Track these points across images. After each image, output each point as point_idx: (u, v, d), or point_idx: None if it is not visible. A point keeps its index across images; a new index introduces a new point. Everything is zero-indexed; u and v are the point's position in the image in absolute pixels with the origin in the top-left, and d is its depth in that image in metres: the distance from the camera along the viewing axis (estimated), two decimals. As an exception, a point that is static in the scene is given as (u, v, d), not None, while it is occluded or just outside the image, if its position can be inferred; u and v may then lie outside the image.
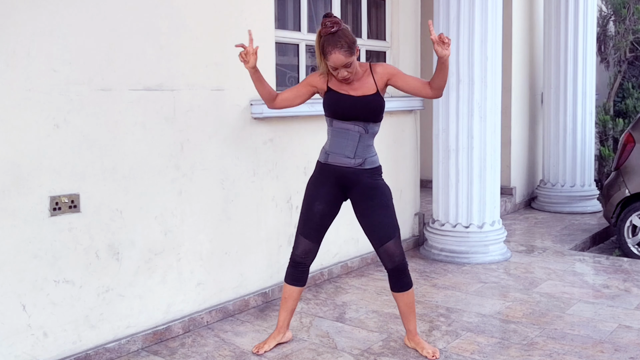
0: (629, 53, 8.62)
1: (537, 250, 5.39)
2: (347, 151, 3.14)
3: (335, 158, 3.17)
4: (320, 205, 3.21)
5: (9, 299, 2.86)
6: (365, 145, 3.16)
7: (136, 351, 3.36)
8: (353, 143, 3.13)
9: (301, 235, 3.25)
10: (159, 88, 3.40)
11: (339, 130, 3.14)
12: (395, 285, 3.23)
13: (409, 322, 3.29)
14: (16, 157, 2.84)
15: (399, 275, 3.20)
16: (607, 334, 3.50)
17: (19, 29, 2.81)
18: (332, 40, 2.95)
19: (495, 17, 4.92)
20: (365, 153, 3.17)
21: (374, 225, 3.17)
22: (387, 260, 3.18)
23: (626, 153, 5.47)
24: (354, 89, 3.10)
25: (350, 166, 3.16)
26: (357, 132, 3.12)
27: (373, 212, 3.17)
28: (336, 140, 3.16)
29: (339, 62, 2.96)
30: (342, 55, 2.94)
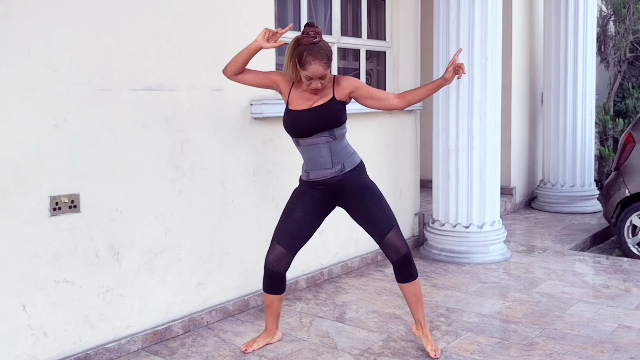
0: (629, 53, 8.62)
1: (537, 250, 5.39)
2: (324, 164, 3.12)
3: (316, 174, 3.16)
4: (300, 213, 3.20)
5: (9, 299, 2.86)
6: (339, 149, 3.13)
7: (136, 351, 3.36)
8: (326, 154, 3.10)
9: (274, 241, 3.23)
10: (159, 88, 3.40)
11: (308, 148, 3.11)
12: (401, 276, 3.22)
13: (416, 312, 3.30)
14: (16, 157, 2.84)
15: (405, 265, 3.19)
16: (607, 334, 3.50)
17: (19, 29, 2.81)
18: (313, 51, 2.91)
19: (495, 17, 4.92)
20: (342, 157, 3.14)
21: (371, 220, 3.18)
22: (391, 252, 3.17)
23: (626, 153, 5.47)
24: (311, 100, 3.06)
25: (333, 175, 3.15)
26: (326, 143, 3.09)
27: (366, 208, 3.18)
28: (309, 157, 3.14)
29: (317, 74, 2.93)
30: (321, 67, 2.92)
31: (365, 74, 5.06)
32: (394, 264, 3.21)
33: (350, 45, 4.91)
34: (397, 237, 3.17)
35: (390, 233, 3.15)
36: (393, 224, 3.18)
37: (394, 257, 3.18)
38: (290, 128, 3.12)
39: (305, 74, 2.96)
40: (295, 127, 3.09)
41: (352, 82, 3.12)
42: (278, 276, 3.26)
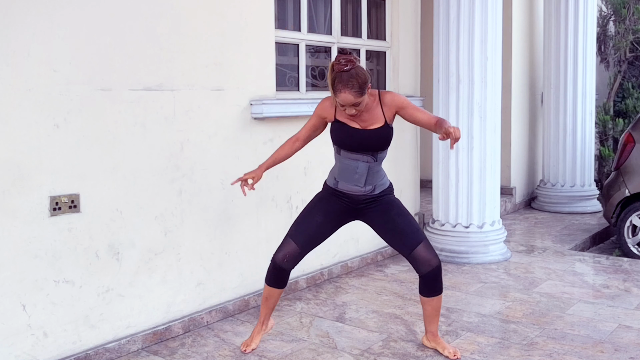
0: (629, 53, 8.62)
1: (537, 250, 5.39)
2: (357, 181, 3.13)
3: (345, 186, 3.16)
4: (320, 217, 3.20)
5: (9, 299, 2.86)
6: (375, 172, 3.15)
7: (136, 351, 3.36)
8: (362, 172, 3.11)
9: (289, 237, 3.21)
10: (159, 88, 3.40)
11: (348, 161, 3.12)
12: (428, 290, 3.18)
13: (431, 324, 3.28)
14: (16, 157, 2.84)
15: (434, 279, 3.15)
16: (607, 334, 3.50)
17: (19, 29, 2.81)
18: (343, 79, 2.87)
19: (495, 17, 4.92)
20: (375, 179, 3.16)
21: (398, 234, 3.15)
22: (421, 265, 3.12)
23: (626, 153, 5.46)
24: (363, 121, 3.05)
25: (361, 194, 3.16)
26: (366, 162, 3.10)
27: (394, 222, 3.16)
28: (345, 170, 3.14)
29: (347, 102, 2.92)
30: (351, 95, 2.89)
31: (365, 74, 5.06)
32: (423, 277, 3.15)
33: (350, 45, 4.91)
34: (428, 249, 3.13)
35: (420, 245, 3.11)
36: (422, 237, 3.15)
37: (424, 270, 3.12)
38: (338, 140, 3.10)
39: (338, 101, 2.95)
40: (344, 141, 3.08)
41: (396, 101, 3.07)
42: (284, 272, 3.24)
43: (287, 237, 3.22)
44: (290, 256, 3.19)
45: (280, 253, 3.21)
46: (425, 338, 3.36)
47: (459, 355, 3.22)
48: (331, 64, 2.95)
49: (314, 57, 4.67)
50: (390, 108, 3.06)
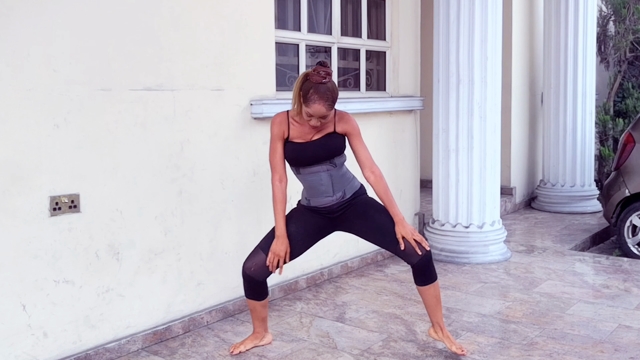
0: (629, 53, 8.62)
1: (537, 250, 5.39)
2: (326, 192, 3.13)
3: (317, 201, 3.17)
4: (293, 228, 3.19)
5: (9, 299, 2.86)
6: (339, 176, 3.15)
7: (136, 351, 3.36)
8: (327, 182, 3.12)
9: (259, 248, 3.19)
10: (159, 88, 3.40)
11: (309, 176, 3.13)
12: (421, 279, 3.16)
13: (435, 315, 3.25)
14: (16, 157, 2.84)
15: (426, 267, 3.13)
16: (607, 334, 3.50)
17: (19, 29, 2.81)
18: (320, 90, 2.92)
19: (495, 17, 4.92)
20: (342, 184, 3.16)
21: (381, 230, 3.15)
22: (410, 256, 3.11)
23: (626, 153, 5.46)
24: (312, 133, 3.08)
25: (334, 203, 3.16)
26: (326, 171, 3.11)
27: (373, 220, 3.16)
28: (310, 186, 3.15)
29: (318, 113, 2.95)
30: (324, 107, 2.94)
31: (365, 74, 5.07)
32: (415, 267, 3.13)
33: (350, 45, 4.91)
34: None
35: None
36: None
37: (414, 260, 3.11)
38: (292, 159, 3.14)
39: (307, 110, 2.97)
40: (297, 158, 3.11)
41: (349, 125, 3.13)
42: (256, 282, 3.20)
43: (257, 248, 3.21)
44: (258, 266, 3.16)
45: (248, 262, 3.19)
46: (432, 330, 3.31)
47: (466, 351, 3.22)
48: (305, 74, 3.01)
49: (314, 57, 4.67)
50: (341, 125, 3.11)
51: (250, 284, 3.21)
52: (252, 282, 3.20)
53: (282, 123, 3.11)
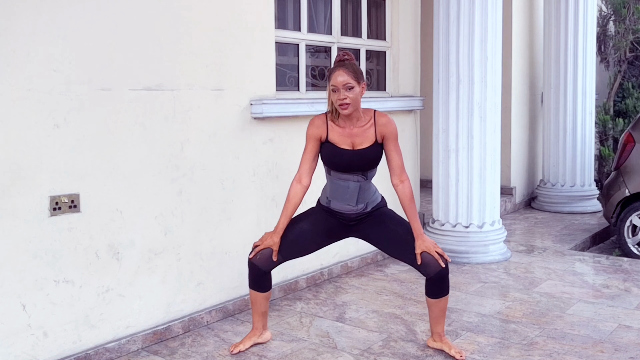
0: (629, 53, 8.62)
1: (537, 250, 5.39)
2: (349, 200, 3.15)
3: (337, 205, 3.18)
4: (307, 226, 3.20)
5: (9, 299, 2.86)
6: (366, 189, 3.17)
7: (136, 351, 3.36)
8: (354, 192, 3.13)
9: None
10: (159, 88, 3.40)
11: (338, 181, 3.14)
12: (434, 292, 3.15)
13: (437, 325, 3.25)
14: (16, 157, 2.84)
15: (442, 281, 3.11)
16: (607, 334, 3.50)
17: (19, 29, 2.81)
18: (339, 64, 3.04)
19: (495, 17, 4.92)
20: (367, 197, 3.18)
21: (399, 242, 3.15)
22: (428, 268, 3.08)
23: (626, 153, 5.46)
24: (352, 138, 3.08)
25: (353, 212, 3.18)
26: (357, 182, 3.12)
27: (392, 232, 3.16)
28: (336, 189, 3.16)
29: (340, 81, 2.97)
30: (345, 74, 2.98)
31: (365, 73, 5.06)
32: (431, 279, 3.11)
33: (350, 45, 4.91)
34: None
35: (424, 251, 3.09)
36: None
37: (431, 273, 3.09)
38: (329, 161, 3.15)
39: (331, 84, 3.00)
40: (332, 161, 3.12)
41: (389, 127, 3.11)
42: (260, 272, 3.21)
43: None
44: (264, 256, 3.17)
45: (254, 250, 3.20)
46: (431, 340, 3.33)
47: (464, 355, 3.21)
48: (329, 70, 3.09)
49: (314, 57, 4.68)
50: (381, 130, 3.11)
51: (254, 273, 3.23)
52: (256, 271, 3.21)
53: (320, 125, 3.12)
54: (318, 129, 3.12)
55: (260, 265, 3.19)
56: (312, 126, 3.14)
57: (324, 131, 3.12)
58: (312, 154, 3.16)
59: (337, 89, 3.00)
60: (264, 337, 3.41)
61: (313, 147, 3.15)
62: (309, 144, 3.16)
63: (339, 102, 3.00)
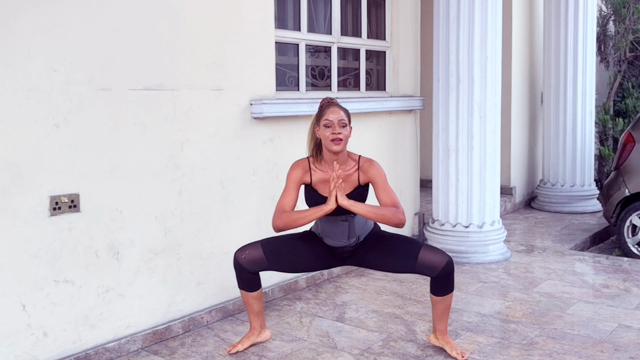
0: (628, 53, 8.61)
1: (537, 250, 5.39)
2: (341, 238, 3.13)
3: (330, 242, 3.17)
4: (303, 245, 3.18)
5: (9, 299, 2.86)
6: (357, 223, 3.13)
7: (136, 351, 3.36)
8: (344, 230, 3.11)
9: (259, 243, 3.18)
10: (159, 88, 3.40)
11: (327, 222, 3.11)
12: (441, 289, 3.13)
13: (441, 323, 3.24)
14: (16, 157, 2.84)
15: (447, 278, 3.09)
16: (607, 334, 3.50)
17: (19, 29, 2.81)
18: (331, 103, 3.11)
19: (495, 17, 4.92)
20: (358, 230, 3.15)
21: (395, 254, 3.13)
22: (432, 267, 3.05)
23: (626, 153, 5.47)
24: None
25: (347, 245, 3.16)
26: (345, 221, 3.09)
27: (387, 248, 3.15)
28: (326, 229, 3.14)
29: (335, 116, 3.00)
30: (340, 111, 3.04)
31: (365, 73, 5.07)
32: (437, 277, 3.08)
33: (350, 45, 4.91)
34: (432, 251, 3.08)
35: (422, 250, 3.07)
36: (420, 244, 3.14)
37: (437, 271, 3.05)
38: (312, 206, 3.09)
39: (324, 120, 3.01)
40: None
41: (373, 172, 3.09)
42: (245, 271, 3.18)
43: (256, 242, 3.20)
44: (251, 257, 3.14)
45: (241, 250, 3.17)
46: (433, 336, 3.32)
47: (467, 356, 3.21)
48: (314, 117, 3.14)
49: (314, 57, 4.68)
50: (365, 174, 3.10)
51: (241, 273, 3.19)
52: (242, 271, 3.18)
53: (304, 170, 3.10)
54: (301, 174, 3.11)
55: (244, 264, 3.16)
56: (296, 170, 3.12)
57: (308, 177, 3.11)
58: (292, 197, 3.09)
59: (331, 124, 3.00)
60: (263, 336, 3.40)
61: (294, 191, 3.11)
62: (291, 187, 3.09)
63: (333, 136, 2.99)
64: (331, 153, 3.04)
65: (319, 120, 3.05)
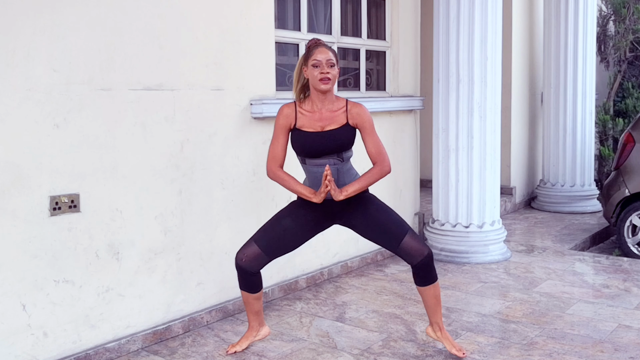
0: (628, 53, 8.62)
1: (537, 250, 5.39)
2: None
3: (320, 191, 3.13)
4: (290, 222, 3.17)
5: (9, 299, 2.87)
6: (345, 171, 3.12)
7: (136, 351, 3.36)
8: (333, 176, 3.07)
9: (252, 239, 3.17)
10: (159, 88, 3.40)
11: (315, 168, 3.09)
12: (422, 280, 3.14)
13: (435, 315, 3.23)
14: (16, 157, 2.84)
15: (427, 267, 3.11)
16: (607, 334, 3.50)
17: (19, 29, 2.81)
18: (319, 43, 3.08)
19: (495, 17, 4.92)
20: (347, 180, 3.12)
21: (381, 229, 3.12)
22: (411, 256, 3.09)
23: (626, 153, 5.47)
24: (322, 122, 3.05)
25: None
26: (334, 165, 3.07)
27: (374, 219, 3.13)
28: (314, 177, 3.11)
29: (324, 56, 3.00)
30: (328, 51, 3.03)
31: (365, 73, 5.07)
32: (415, 267, 3.11)
33: (350, 45, 4.91)
34: (415, 240, 3.10)
35: (407, 237, 3.07)
36: (407, 228, 3.13)
37: (415, 260, 3.09)
38: (299, 148, 3.10)
39: (313, 60, 3.00)
40: (304, 148, 3.08)
41: (362, 117, 3.09)
42: (248, 274, 3.17)
43: (250, 239, 3.18)
44: (250, 257, 3.13)
45: (239, 252, 3.17)
46: (430, 329, 3.30)
47: (467, 353, 3.20)
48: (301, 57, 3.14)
49: (314, 57, 4.67)
50: (353, 118, 3.09)
51: (243, 275, 3.19)
52: (244, 273, 3.18)
53: (289, 114, 3.09)
54: (287, 118, 3.09)
55: (246, 266, 3.15)
56: (281, 115, 3.10)
57: (293, 119, 3.10)
58: (282, 143, 3.11)
59: (319, 64, 2.99)
60: (262, 333, 3.39)
61: (284, 138, 3.12)
62: (279, 134, 3.11)
63: (322, 75, 2.98)
64: (319, 92, 3.04)
65: (306, 61, 3.04)
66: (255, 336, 3.37)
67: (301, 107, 3.10)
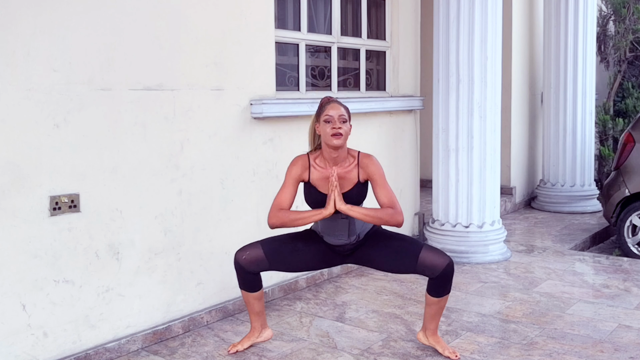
0: (628, 53, 8.61)
1: (537, 250, 5.39)
2: (341, 236, 3.11)
3: (331, 240, 3.14)
4: (302, 245, 3.16)
5: (9, 299, 2.87)
6: (357, 221, 3.09)
7: (136, 351, 3.36)
8: (344, 228, 3.08)
9: (259, 243, 3.16)
10: (159, 88, 3.40)
11: (327, 221, 3.08)
12: (437, 291, 3.12)
13: (433, 322, 3.24)
14: (16, 157, 2.84)
15: (446, 278, 3.07)
16: (607, 334, 3.50)
17: (19, 29, 2.81)
18: (331, 100, 3.10)
19: (495, 17, 4.92)
20: (358, 228, 3.12)
21: (396, 253, 3.10)
22: (433, 267, 3.04)
23: (626, 153, 5.47)
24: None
25: (348, 243, 3.14)
26: (346, 219, 3.06)
27: (386, 248, 3.13)
28: (326, 227, 3.11)
29: (335, 112, 2.99)
30: (340, 107, 3.03)
31: (365, 73, 5.07)
32: (435, 278, 3.07)
33: (350, 45, 4.91)
34: (433, 251, 3.07)
35: (422, 252, 3.05)
36: (420, 244, 3.12)
37: (436, 273, 3.04)
38: (312, 205, 3.10)
39: (325, 116, 2.99)
40: (317, 206, 3.06)
41: (372, 168, 3.06)
42: (247, 273, 3.16)
43: (256, 242, 3.18)
44: (251, 257, 3.12)
45: (241, 251, 3.15)
46: (422, 334, 3.31)
47: (459, 355, 3.21)
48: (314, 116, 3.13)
49: (314, 57, 4.68)
50: (364, 171, 3.08)
51: (241, 274, 3.18)
52: (242, 272, 3.17)
53: (303, 167, 3.08)
54: (300, 171, 3.08)
55: (245, 265, 3.14)
56: (295, 166, 3.09)
57: (307, 173, 3.09)
58: (290, 194, 3.08)
59: (331, 120, 2.98)
60: (264, 335, 3.39)
61: (293, 187, 3.09)
62: (289, 183, 3.08)
63: (333, 131, 2.97)
64: (331, 149, 3.03)
65: (319, 117, 3.05)
66: (257, 337, 3.37)
67: (315, 161, 3.11)
